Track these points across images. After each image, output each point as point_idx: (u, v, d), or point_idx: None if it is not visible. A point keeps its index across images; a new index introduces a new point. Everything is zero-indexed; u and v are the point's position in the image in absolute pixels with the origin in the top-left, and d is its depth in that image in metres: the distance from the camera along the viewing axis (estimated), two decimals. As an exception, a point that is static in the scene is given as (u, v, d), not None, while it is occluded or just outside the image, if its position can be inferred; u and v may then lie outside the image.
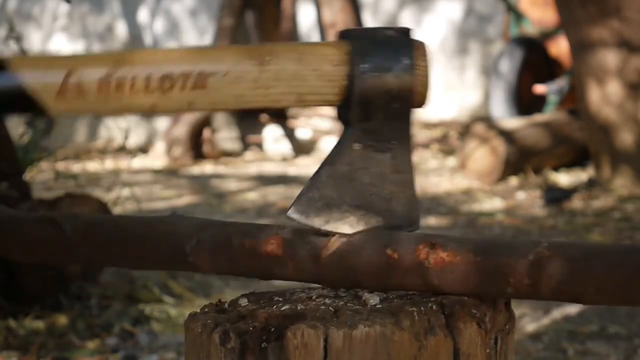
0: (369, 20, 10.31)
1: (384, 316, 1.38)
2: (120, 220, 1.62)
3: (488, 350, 1.43)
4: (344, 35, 1.46)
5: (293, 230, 1.49)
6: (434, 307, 1.41)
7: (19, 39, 4.89)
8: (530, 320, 4.24)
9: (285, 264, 1.47)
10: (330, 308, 1.42)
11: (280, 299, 1.48)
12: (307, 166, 8.25)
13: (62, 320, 4.09)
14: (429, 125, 9.48)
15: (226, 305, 1.47)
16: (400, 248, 1.43)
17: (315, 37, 10.63)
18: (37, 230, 1.59)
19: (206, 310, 1.45)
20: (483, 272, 1.39)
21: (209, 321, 1.41)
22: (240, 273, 1.51)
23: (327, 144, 8.85)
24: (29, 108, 1.41)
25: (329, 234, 1.45)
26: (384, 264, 1.43)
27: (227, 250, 1.50)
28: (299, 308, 1.43)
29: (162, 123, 9.64)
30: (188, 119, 8.80)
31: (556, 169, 7.27)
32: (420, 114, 10.02)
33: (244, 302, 1.48)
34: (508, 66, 8.24)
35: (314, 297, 1.48)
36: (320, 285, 1.52)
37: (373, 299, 1.44)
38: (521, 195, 6.66)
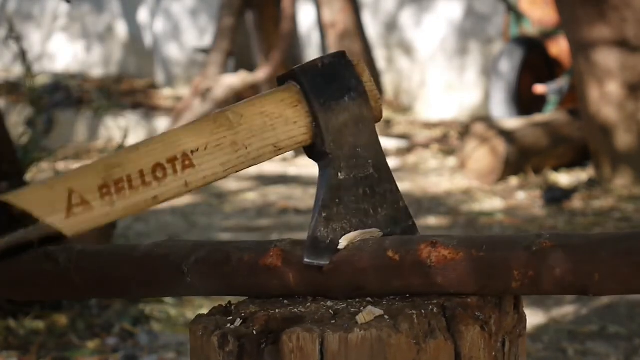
0: (369, 20, 10.31)
1: (382, 319, 1.38)
2: (114, 249, 1.62)
3: (494, 354, 1.42)
4: (285, 78, 1.51)
5: (292, 242, 1.50)
6: (435, 309, 1.40)
7: (19, 39, 4.89)
8: (530, 320, 4.24)
9: (286, 275, 1.47)
10: (330, 311, 1.42)
11: (285, 302, 1.47)
12: (307, 166, 8.24)
13: (62, 320, 4.09)
14: (429, 125, 9.48)
15: (232, 308, 1.47)
16: (401, 249, 1.43)
17: (316, 37, 10.63)
18: (31, 266, 1.57)
19: (212, 312, 1.46)
20: (487, 267, 1.39)
21: (210, 324, 1.41)
22: (240, 290, 1.52)
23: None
24: (46, 241, 1.46)
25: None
26: (386, 267, 1.43)
27: (226, 267, 1.51)
28: (299, 311, 1.43)
29: (162, 123, 9.64)
30: (188, 119, 8.80)
31: (556, 169, 7.27)
32: (420, 114, 10.03)
33: (250, 304, 1.48)
34: (508, 66, 8.24)
35: (317, 299, 1.47)
36: None
37: (376, 311, 1.44)
38: (521, 195, 6.66)
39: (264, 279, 1.48)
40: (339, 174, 1.49)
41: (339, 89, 1.49)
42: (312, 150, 1.51)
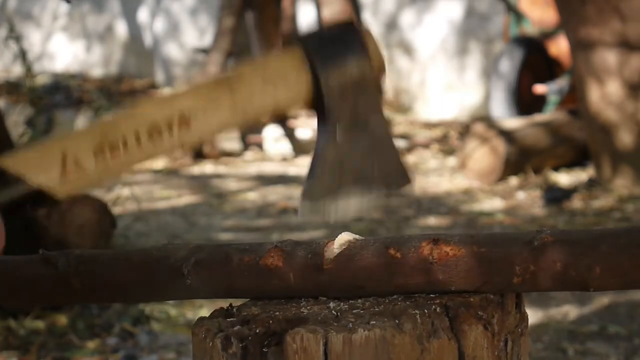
0: (369, 20, 10.30)
1: (386, 319, 1.37)
2: (113, 253, 1.62)
3: (497, 353, 1.42)
4: (294, 40, 1.53)
5: (293, 242, 1.50)
6: (438, 309, 1.40)
7: (18, 39, 4.89)
8: (530, 320, 4.23)
9: (287, 275, 1.47)
10: (334, 312, 1.42)
11: (287, 303, 1.47)
12: (307, 166, 8.24)
13: (62, 320, 4.09)
14: (429, 125, 9.48)
15: (235, 309, 1.47)
16: (403, 247, 1.43)
17: (315, 37, 10.63)
18: (30, 271, 1.57)
19: (215, 314, 1.45)
20: (488, 263, 1.39)
21: (213, 327, 1.41)
22: (241, 291, 1.51)
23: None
24: (39, 202, 1.45)
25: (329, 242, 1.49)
26: (387, 265, 1.43)
27: (227, 267, 1.50)
28: (302, 312, 1.43)
29: (162, 123, 9.64)
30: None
31: (556, 169, 7.27)
32: (420, 114, 10.03)
33: (252, 306, 1.47)
34: (508, 66, 8.24)
35: (319, 300, 1.47)
36: None
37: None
38: (521, 195, 6.66)
39: (264, 279, 1.48)
40: (338, 135, 1.51)
41: (341, 52, 1.51)
42: (312, 109, 1.53)
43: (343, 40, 1.52)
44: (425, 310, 1.39)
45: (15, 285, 1.59)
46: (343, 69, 1.50)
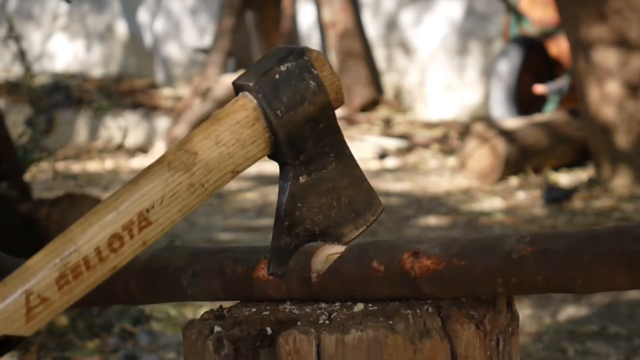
0: (369, 20, 10.31)
1: (378, 320, 1.37)
2: None
3: (489, 353, 1.42)
4: (240, 86, 1.46)
5: None
6: (430, 309, 1.40)
7: (18, 39, 4.89)
8: (530, 320, 4.24)
9: (279, 286, 1.47)
10: (325, 313, 1.42)
11: (279, 305, 1.47)
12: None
13: (62, 320, 4.09)
14: (429, 125, 9.48)
15: (225, 311, 1.46)
16: (385, 259, 1.42)
17: (316, 37, 10.63)
18: None
19: (205, 316, 1.45)
20: (470, 276, 1.37)
21: (205, 329, 1.41)
22: (239, 299, 1.52)
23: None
24: (5, 347, 1.38)
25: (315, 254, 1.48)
26: (373, 278, 1.43)
27: (221, 279, 1.51)
28: (294, 313, 1.43)
29: (161, 123, 9.64)
30: (188, 118, 8.80)
31: (556, 169, 7.27)
32: (420, 114, 10.03)
33: (243, 308, 1.48)
34: (508, 66, 8.24)
35: (311, 302, 1.47)
36: None
37: (357, 307, 1.44)
38: (521, 195, 6.66)
39: (258, 291, 1.49)
40: (300, 178, 1.47)
41: (296, 94, 1.44)
42: (272, 158, 1.49)
43: (296, 79, 1.45)
44: (418, 311, 1.39)
45: None
46: (300, 112, 1.45)
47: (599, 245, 1.31)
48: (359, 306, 1.44)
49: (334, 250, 1.47)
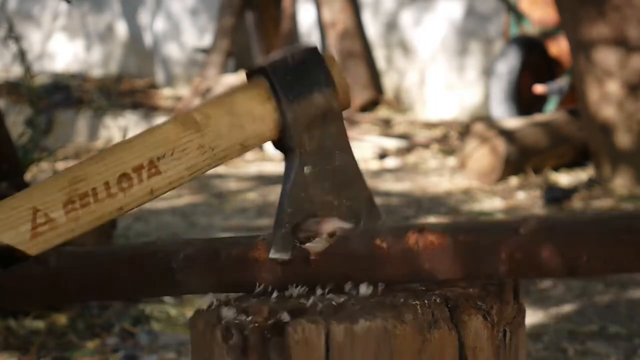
0: (369, 20, 10.31)
1: (387, 310, 1.38)
2: (105, 250, 1.62)
3: (496, 343, 1.43)
4: (258, 71, 1.52)
5: None
6: (438, 300, 1.41)
7: (18, 39, 4.89)
8: (530, 319, 4.24)
9: (274, 267, 1.48)
10: (334, 302, 1.42)
11: (286, 295, 1.48)
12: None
13: (62, 320, 4.09)
14: (429, 125, 9.48)
15: (233, 300, 1.47)
16: (389, 237, 1.44)
17: (316, 37, 10.63)
18: (20, 272, 1.54)
19: (212, 307, 1.45)
20: (474, 250, 1.40)
21: (212, 318, 1.41)
22: (230, 285, 1.52)
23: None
24: (8, 261, 1.41)
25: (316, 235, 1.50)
26: (374, 255, 1.44)
27: (215, 262, 1.51)
28: (301, 303, 1.43)
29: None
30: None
31: (556, 169, 7.27)
32: (420, 114, 10.03)
33: (250, 298, 1.48)
34: (508, 66, 8.24)
35: (317, 292, 1.48)
36: None
37: (363, 289, 1.45)
38: (521, 195, 6.67)
39: (252, 272, 1.49)
40: (305, 168, 1.50)
41: (307, 84, 1.50)
42: (279, 144, 1.53)
43: (308, 70, 1.50)
44: (426, 301, 1.40)
45: (5, 287, 1.58)
46: (309, 101, 1.50)
47: (606, 224, 1.34)
48: (363, 288, 1.45)
49: (335, 225, 1.49)
